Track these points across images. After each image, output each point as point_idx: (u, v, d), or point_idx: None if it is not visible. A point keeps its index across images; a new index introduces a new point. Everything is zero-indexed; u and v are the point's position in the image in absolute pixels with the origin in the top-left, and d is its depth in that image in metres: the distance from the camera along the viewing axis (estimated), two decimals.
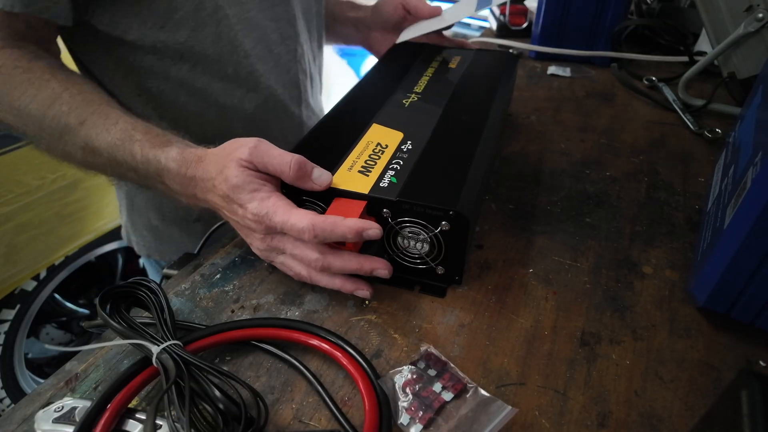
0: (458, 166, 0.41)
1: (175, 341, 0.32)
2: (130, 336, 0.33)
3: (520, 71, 0.84)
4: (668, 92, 0.74)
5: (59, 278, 1.35)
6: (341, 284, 0.39)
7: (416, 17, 0.68)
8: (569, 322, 0.38)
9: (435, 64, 0.60)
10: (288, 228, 0.36)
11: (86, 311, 1.48)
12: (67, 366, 0.36)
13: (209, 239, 0.50)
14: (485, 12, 0.64)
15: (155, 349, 0.32)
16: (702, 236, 0.43)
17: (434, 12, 0.67)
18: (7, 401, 1.28)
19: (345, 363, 0.34)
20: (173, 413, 0.28)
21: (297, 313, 0.39)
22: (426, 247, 0.39)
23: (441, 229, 0.37)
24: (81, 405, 0.31)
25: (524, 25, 1.01)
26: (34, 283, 1.28)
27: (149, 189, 0.46)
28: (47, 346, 1.39)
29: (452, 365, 0.34)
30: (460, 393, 0.32)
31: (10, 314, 1.26)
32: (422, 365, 0.33)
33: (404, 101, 0.51)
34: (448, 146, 0.44)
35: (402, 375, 0.33)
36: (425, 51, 0.64)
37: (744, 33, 0.61)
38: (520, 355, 0.36)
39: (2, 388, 1.28)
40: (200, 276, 0.43)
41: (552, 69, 0.84)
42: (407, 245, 0.40)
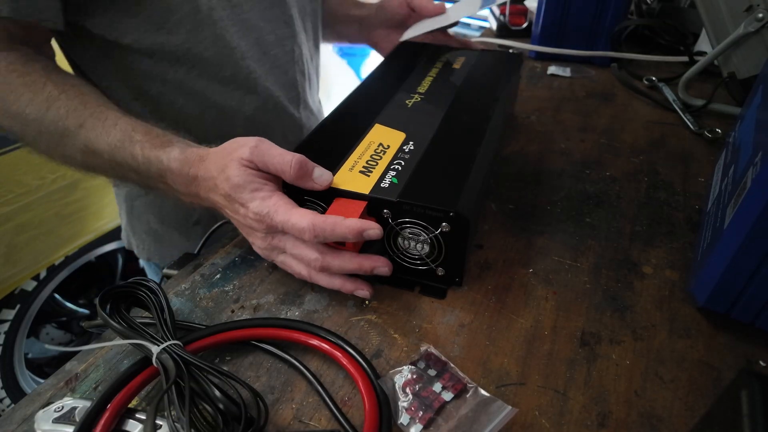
0: (460, 168, 0.41)
1: (175, 341, 0.32)
2: (130, 336, 0.33)
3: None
4: (668, 92, 0.74)
5: (59, 278, 1.35)
6: (341, 284, 0.39)
7: (420, 15, 0.68)
8: (569, 322, 0.38)
9: (439, 65, 0.60)
10: (289, 228, 0.36)
11: (86, 311, 1.48)
12: (67, 366, 0.36)
13: (209, 239, 0.50)
14: (485, 12, 0.64)
15: (155, 349, 0.32)
16: (702, 236, 0.43)
17: (438, 9, 0.66)
18: (7, 401, 1.28)
19: (345, 363, 0.34)
20: (173, 413, 0.28)
21: (297, 313, 0.39)
22: (426, 248, 0.39)
23: (441, 231, 0.37)
24: (81, 405, 0.31)
25: (524, 25, 1.01)
26: (34, 283, 1.28)
27: (151, 189, 0.45)
28: (47, 346, 1.39)
29: (452, 365, 0.34)
30: (460, 393, 0.32)
31: (10, 314, 1.26)
32: (422, 365, 0.33)
33: (407, 101, 0.51)
34: (450, 147, 0.43)
35: (402, 375, 0.33)
36: (429, 51, 0.64)
37: (744, 33, 0.61)
38: (520, 355, 0.36)
39: (2, 388, 1.28)
40: (200, 276, 0.43)
41: (552, 69, 0.84)
42: (407, 246, 0.40)
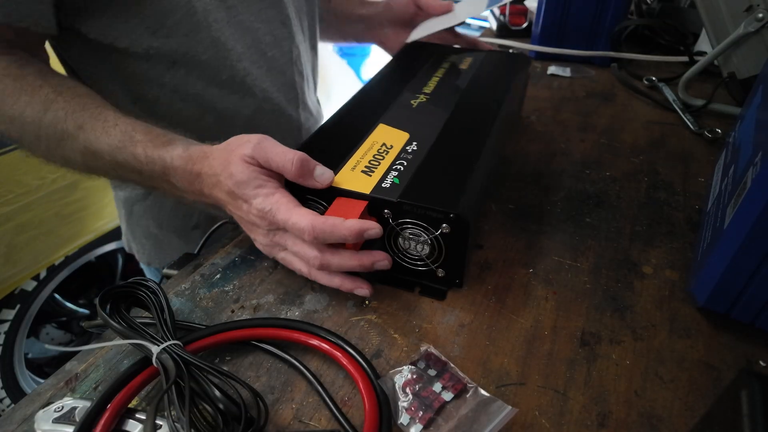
0: (462, 169, 0.40)
1: (175, 341, 0.32)
2: (130, 336, 0.33)
3: None
4: (668, 92, 0.74)
5: (59, 278, 1.35)
6: (340, 282, 0.39)
7: (427, 13, 0.68)
8: (569, 322, 0.38)
9: (446, 65, 0.60)
10: (289, 226, 0.36)
11: (86, 311, 1.48)
12: (67, 366, 0.36)
13: (209, 239, 0.50)
14: (485, 12, 0.64)
15: (155, 349, 0.32)
16: (702, 236, 0.43)
17: (445, 8, 0.66)
18: (7, 401, 1.28)
19: (345, 363, 0.34)
20: (173, 413, 0.28)
21: (297, 313, 0.39)
22: (426, 249, 0.39)
23: (441, 232, 0.37)
24: (81, 405, 0.31)
25: (524, 25, 1.01)
26: (34, 283, 1.28)
27: (153, 189, 0.45)
28: (47, 346, 1.39)
29: (452, 365, 0.34)
30: (460, 393, 0.32)
31: (10, 314, 1.26)
32: (422, 365, 0.33)
33: (412, 102, 0.51)
34: (454, 148, 0.43)
35: (402, 375, 0.33)
36: (436, 52, 0.64)
37: (744, 33, 0.62)
38: (520, 355, 0.36)
39: (2, 388, 1.28)
40: (200, 276, 0.43)
41: (552, 69, 0.84)
42: (408, 246, 0.40)
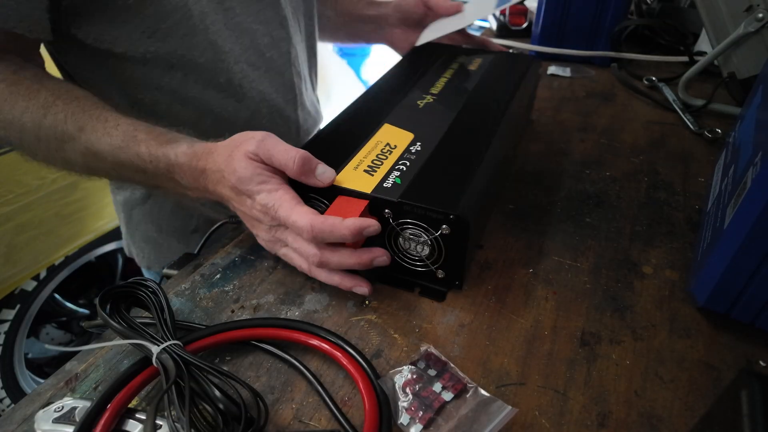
0: (465, 170, 0.40)
1: (175, 341, 0.32)
2: (130, 336, 0.33)
3: None
4: (668, 92, 0.74)
5: (59, 278, 1.35)
6: (340, 280, 0.39)
7: (436, 14, 0.68)
8: (569, 322, 0.38)
9: (455, 66, 0.60)
10: (289, 224, 0.37)
11: (86, 311, 1.48)
12: (67, 366, 0.36)
13: (209, 239, 0.50)
14: (495, 12, 0.64)
15: (155, 349, 0.32)
16: (702, 236, 0.43)
17: (454, 9, 0.66)
18: (7, 401, 1.28)
19: (345, 363, 0.34)
20: (173, 413, 0.28)
21: (297, 313, 0.39)
22: (426, 250, 0.39)
23: (441, 233, 0.37)
24: (81, 405, 0.31)
25: (524, 25, 1.01)
26: (34, 283, 1.28)
27: (156, 188, 0.45)
28: (47, 346, 1.39)
29: (452, 365, 0.34)
30: (460, 393, 0.32)
31: (10, 314, 1.26)
32: (422, 365, 0.33)
33: (419, 102, 0.51)
34: (458, 149, 0.43)
35: (402, 375, 0.33)
36: (446, 52, 0.64)
37: (744, 33, 0.62)
38: (520, 355, 0.36)
39: (2, 388, 1.28)
40: (200, 276, 0.43)
41: (552, 69, 0.84)
42: (408, 247, 0.40)
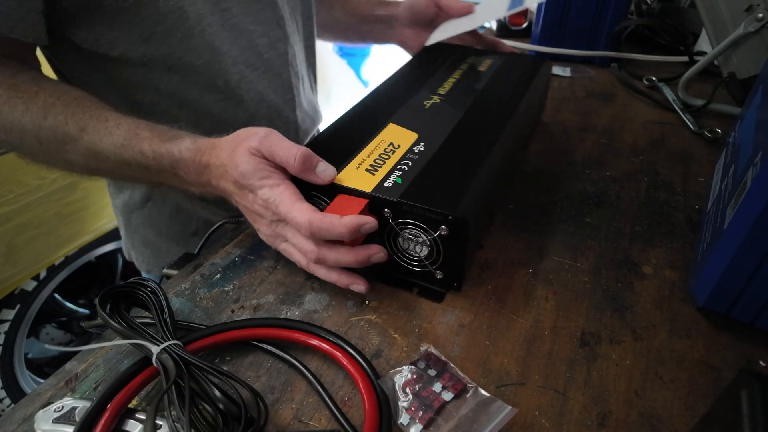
0: (467, 172, 0.40)
1: (175, 341, 0.32)
2: (130, 336, 0.33)
3: None
4: (668, 92, 0.74)
5: (59, 278, 1.35)
6: (337, 277, 0.39)
7: (448, 14, 0.68)
8: (569, 322, 0.38)
9: (464, 67, 0.59)
10: (289, 219, 0.37)
11: (86, 311, 1.48)
12: (67, 366, 0.36)
13: (209, 239, 0.50)
14: (506, 14, 0.63)
15: (155, 349, 0.32)
16: (702, 236, 0.43)
17: (465, 9, 0.66)
18: (7, 401, 1.28)
19: (345, 363, 0.34)
20: (173, 413, 0.28)
21: (297, 313, 0.39)
22: (425, 251, 0.39)
23: (440, 234, 0.37)
24: (81, 405, 0.31)
25: (524, 25, 1.01)
26: (34, 283, 1.28)
27: (159, 186, 0.46)
28: (47, 346, 1.39)
29: (452, 365, 0.34)
30: (460, 393, 0.32)
31: (10, 314, 1.26)
32: (422, 365, 0.33)
33: (425, 102, 0.50)
34: (461, 150, 0.43)
35: (402, 375, 0.33)
36: (456, 53, 0.63)
37: (744, 33, 0.61)
38: (520, 355, 0.36)
39: (2, 388, 1.28)
40: (200, 276, 0.43)
41: (552, 69, 0.84)
42: (407, 247, 0.40)
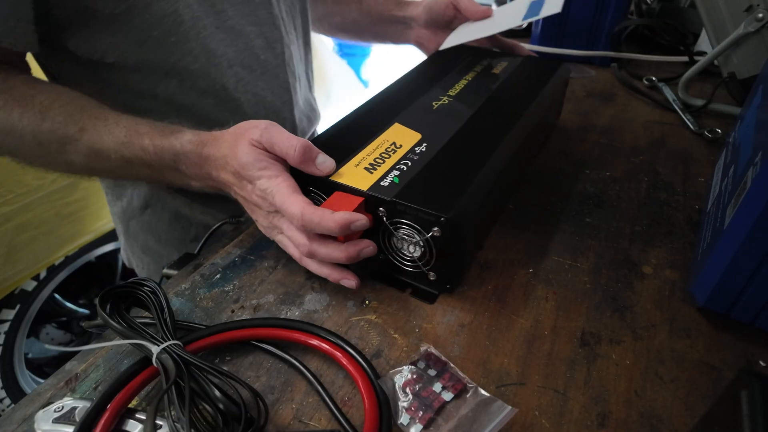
0: (466, 174, 0.40)
1: (175, 341, 0.32)
2: (130, 336, 0.33)
3: None
4: (668, 92, 0.74)
5: (59, 278, 1.35)
6: (328, 272, 0.40)
7: (466, 17, 0.68)
8: (569, 322, 0.38)
9: (478, 68, 0.59)
10: (283, 210, 0.37)
11: (86, 311, 1.48)
12: (67, 366, 0.36)
13: (209, 239, 0.50)
14: (522, 23, 0.63)
15: (155, 349, 0.32)
16: (702, 236, 0.43)
17: (483, 13, 0.66)
18: (7, 401, 1.28)
19: (345, 363, 0.34)
20: (173, 413, 0.28)
21: (297, 313, 0.39)
22: (418, 251, 0.39)
23: (432, 235, 0.37)
24: (81, 405, 0.31)
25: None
26: (34, 283, 1.28)
27: (160, 182, 0.46)
28: (47, 346, 1.39)
29: (452, 365, 0.34)
30: (460, 393, 0.32)
31: (10, 314, 1.26)
32: (422, 365, 0.33)
33: (434, 103, 0.50)
34: (463, 153, 0.43)
35: (402, 375, 0.33)
36: (472, 54, 0.63)
37: (744, 33, 0.61)
38: (520, 355, 0.36)
39: (2, 388, 1.28)
40: (200, 276, 0.43)
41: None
42: (401, 246, 0.40)
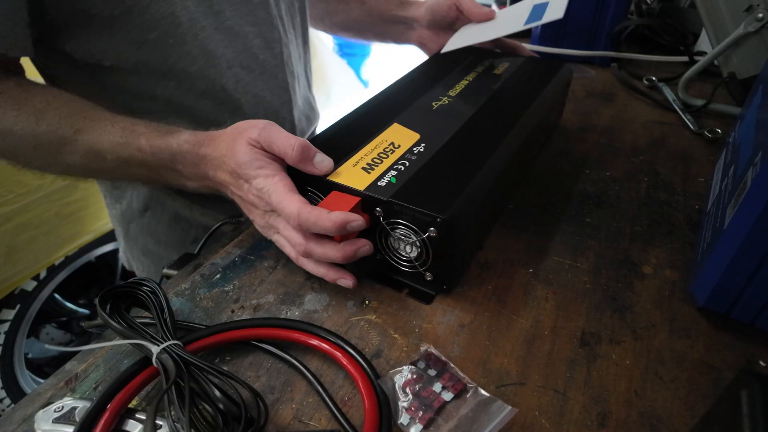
0: (464, 174, 0.40)
1: (175, 341, 0.32)
2: (130, 336, 0.33)
3: None
4: (668, 92, 0.74)
5: (59, 278, 1.35)
6: (325, 272, 0.40)
7: (468, 18, 0.68)
8: (569, 322, 0.38)
9: (480, 69, 0.59)
10: (279, 210, 0.37)
11: (86, 311, 1.48)
12: (67, 366, 0.36)
13: (209, 239, 0.50)
14: (524, 28, 0.63)
15: (155, 349, 0.32)
16: (702, 236, 0.43)
17: (486, 15, 0.66)
18: (7, 401, 1.28)
19: (345, 363, 0.34)
20: (173, 413, 0.28)
21: (297, 313, 0.39)
22: (415, 251, 0.39)
23: (428, 235, 0.37)
24: (81, 405, 0.31)
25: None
26: (34, 283, 1.28)
27: (156, 182, 0.46)
28: (47, 346, 1.39)
29: (452, 365, 0.34)
30: (460, 393, 0.32)
31: (10, 314, 1.26)
32: (422, 365, 0.33)
33: (434, 104, 0.50)
34: (462, 153, 0.42)
35: (402, 375, 0.33)
36: (473, 54, 0.63)
37: (744, 33, 0.61)
38: (520, 355, 0.36)
39: (2, 388, 1.28)
40: (200, 276, 0.43)
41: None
42: (398, 247, 0.40)
